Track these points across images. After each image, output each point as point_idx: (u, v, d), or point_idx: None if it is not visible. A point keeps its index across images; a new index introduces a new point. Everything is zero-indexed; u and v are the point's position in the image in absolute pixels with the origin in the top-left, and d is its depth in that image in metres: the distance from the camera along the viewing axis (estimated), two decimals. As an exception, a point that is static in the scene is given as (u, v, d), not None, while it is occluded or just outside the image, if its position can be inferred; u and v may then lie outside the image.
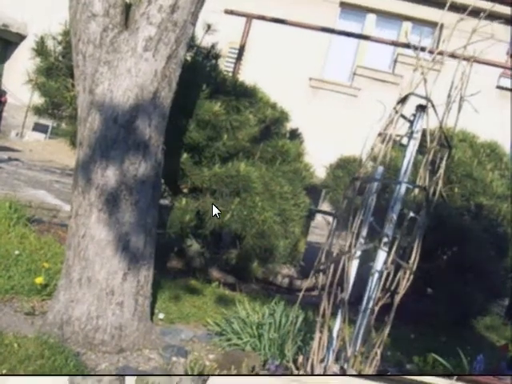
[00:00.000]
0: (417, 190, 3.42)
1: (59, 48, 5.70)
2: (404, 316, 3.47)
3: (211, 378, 3.40)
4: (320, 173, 7.47)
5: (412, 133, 3.40)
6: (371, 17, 15.46)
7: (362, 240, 3.38)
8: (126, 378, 3.30)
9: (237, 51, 8.43)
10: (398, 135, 3.38)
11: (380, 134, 3.38)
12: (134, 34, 3.74)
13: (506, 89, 14.66)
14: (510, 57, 14.56)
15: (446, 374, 4.02)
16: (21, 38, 15.16)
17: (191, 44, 5.73)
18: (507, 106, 13.29)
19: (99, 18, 3.73)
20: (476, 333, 5.97)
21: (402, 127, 3.39)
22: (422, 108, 3.38)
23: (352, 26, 14.74)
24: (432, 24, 14.83)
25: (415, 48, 3.38)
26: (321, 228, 10.57)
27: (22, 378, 3.13)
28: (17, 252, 4.84)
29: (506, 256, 6.01)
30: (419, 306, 5.66)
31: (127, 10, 3.85)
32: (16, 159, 10.73)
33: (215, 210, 5.22)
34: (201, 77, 5.51)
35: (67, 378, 3.13)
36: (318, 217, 9.07)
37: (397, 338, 4.28)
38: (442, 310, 5.62)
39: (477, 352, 4.21)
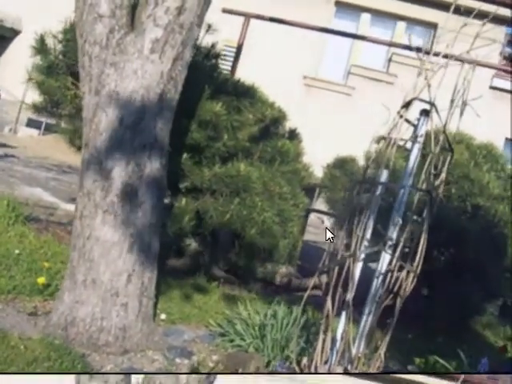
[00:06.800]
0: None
1: (59, 46, 5.68)
2: (401, 316, 3.50)
3: (217, 377, 3.42)
4: (317, 172, 7.49)
5: (416, 137, 3.43)
6: (366, 16, 15.50)
7: (366, 243, 3.41)
8: (132, 378, 3.31)
9: (232, 49, 8.42)
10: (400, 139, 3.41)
11: (384, 139, 3.41)
12: (141, 35, 3.74)
13: (500, 89, 14.75)
14: (503, 57, 14.66)
15: (441, 373, 4.06)
16: (15, 33, 15.03)
17: (192, 44, 5.72)
18: (500, 106, 13.40)
19: (105, 20, 3.72)
20: (473, 333, 6.03)
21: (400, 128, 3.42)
22: (426, 113, 3.42)
23: (347, 25, 14.75)
24: (426, 24, 14.92)
25: (411, 49, 3.41)
26: (315, 226, 10.58)
27: (28, 377, 3.13)
28: (17, 251, 4.82)
29: (503, 256, 6.07)
30: (416, 306, 5.70)
31: (133, 11, 3.84)
32: (12, 155, 10.67)
33: None
34: (202, 77, 5.51)
35: (74, 377, 3.14)
36: (312, 215, 9.09)
37: (394, 338, 4.31)
38: (439, 311, 5.66)
39: (475, 352, 4.26)
